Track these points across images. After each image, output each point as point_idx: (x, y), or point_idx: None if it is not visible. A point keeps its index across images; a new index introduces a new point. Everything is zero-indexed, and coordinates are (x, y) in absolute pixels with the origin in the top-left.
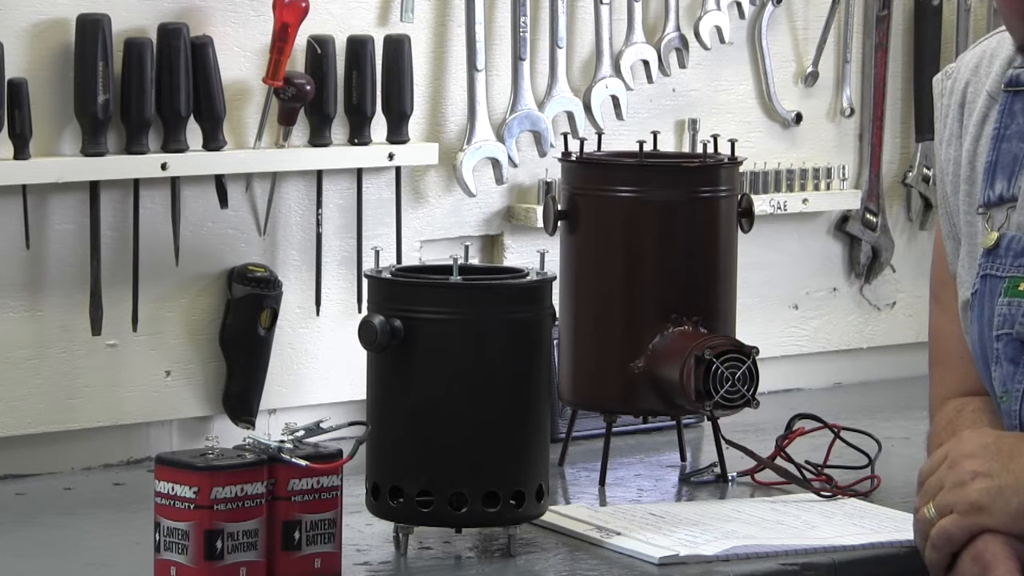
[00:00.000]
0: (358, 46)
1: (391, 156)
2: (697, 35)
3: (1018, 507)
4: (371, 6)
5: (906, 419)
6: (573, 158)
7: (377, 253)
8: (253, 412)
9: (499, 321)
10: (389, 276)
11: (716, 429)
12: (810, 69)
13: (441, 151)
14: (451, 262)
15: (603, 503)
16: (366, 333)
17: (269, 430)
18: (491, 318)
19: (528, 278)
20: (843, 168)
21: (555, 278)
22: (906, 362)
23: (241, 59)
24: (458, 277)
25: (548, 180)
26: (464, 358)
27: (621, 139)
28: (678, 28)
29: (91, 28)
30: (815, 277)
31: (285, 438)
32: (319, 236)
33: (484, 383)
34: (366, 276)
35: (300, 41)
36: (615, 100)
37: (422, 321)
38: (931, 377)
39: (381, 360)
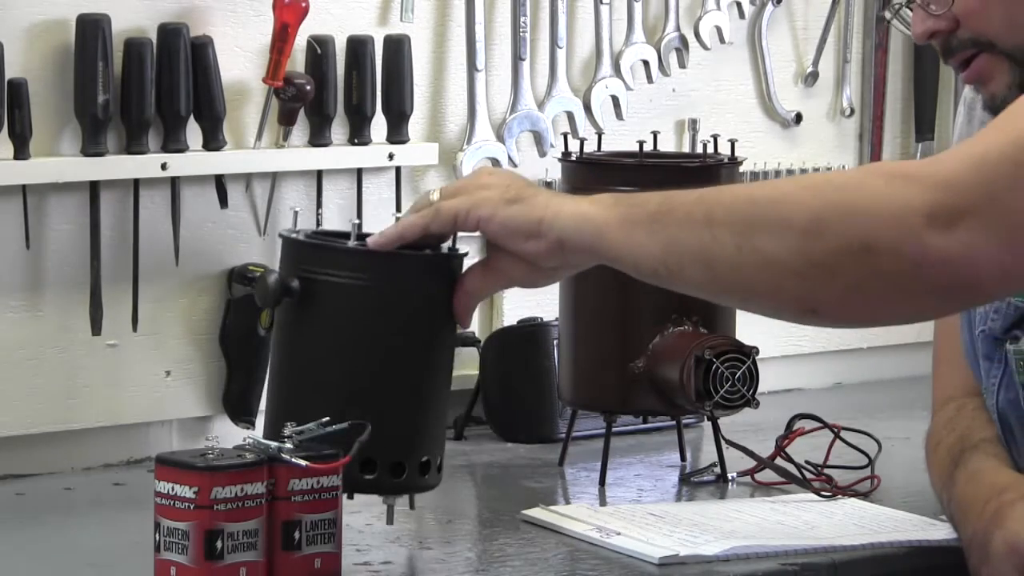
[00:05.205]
0: (358, 46)
1: (391, 156)
2: (697, 35)
3: None
4: (371, 6)
5: (906, 419)
6: (573, 158)
7: (295, 214)
8: (253, 412)
9: (394, 290)
10: (293, 237)
11: (716, 429)
12: (810, 69)
13: (441, 151)
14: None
15: (603, 503)
16: (259, 289)
17: None
18: (390, 287)
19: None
20: (843, 168)
21: (464, 255)
22: (906, 362)
23: (241, 59)
24: (354, 243)
25: (548, 180)
26: (353, 323)
27: (621, 139)
28: (678, 28)
29: (91, 28)
30: None
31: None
32: None
33: (370, 349)
34: (279, 235)
35: (300, 41)
36: (615, 100)
37: (320, 283)
38: (934, 376)
39: (281, 318)
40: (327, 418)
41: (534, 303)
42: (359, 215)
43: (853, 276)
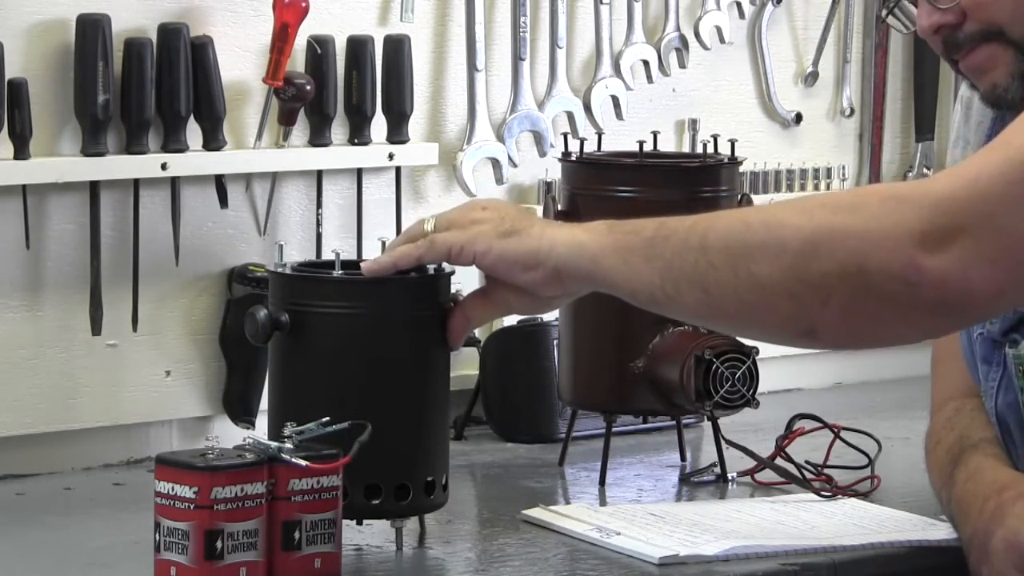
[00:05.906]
0: (358, 46)
1: (391, 156)
2: (697, 35)
3: None
4: (371, 6)
5: (906, 419)
6: (573, 158)
7: (280, 248)
8: (253, 412)
9: (383, 316)
10: (280, 271)
11: (716, 429)
12: (810, 69)
13: (441, 151)
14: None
15: (603, 503)
16: (249, 325)
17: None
18: (381, 313)
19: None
20: (843, 168)
21: (450, 274)
22: (906, 362)
23: (241, 59)
24: (340, 272)
25: (548, 180)
26: (346, 351)
27: (621, 139)
28: (678, 28)
29: (91, 28)
30: None
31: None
32: (319, 236)
33: (364, 376)
34: (267, 272)
35: (300, 41)
36: (615, 100)
37: (310, 314)
38: (933, 376)
39: (275, 351)
40: (327, 418)
41: None
42: (359, 215)
43: (848, 297)
